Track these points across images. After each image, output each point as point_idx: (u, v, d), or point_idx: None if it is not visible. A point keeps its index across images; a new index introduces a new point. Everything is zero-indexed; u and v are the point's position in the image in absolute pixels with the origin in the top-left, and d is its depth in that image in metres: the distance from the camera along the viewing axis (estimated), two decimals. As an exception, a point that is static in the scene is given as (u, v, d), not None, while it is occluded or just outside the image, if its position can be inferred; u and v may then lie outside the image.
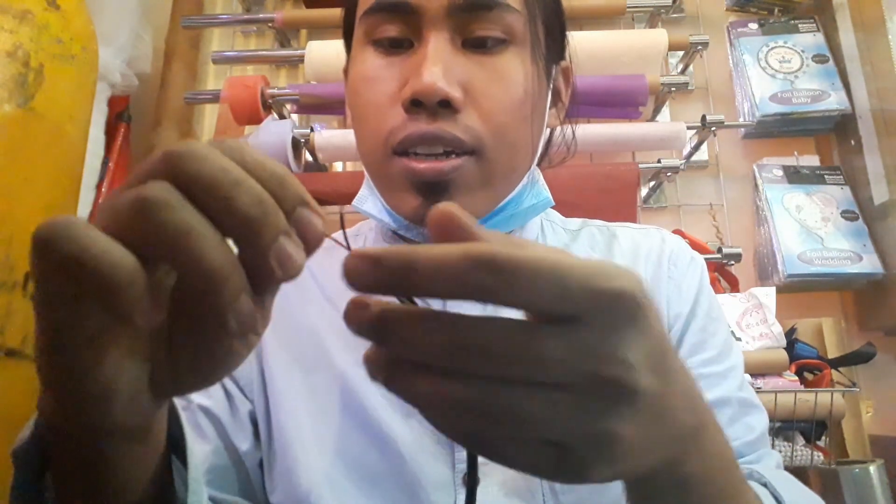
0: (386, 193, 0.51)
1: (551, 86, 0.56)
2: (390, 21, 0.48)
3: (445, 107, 0.45)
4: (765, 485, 0.43)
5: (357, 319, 0.23)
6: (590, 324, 0.22)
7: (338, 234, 0.62)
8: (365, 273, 0.22)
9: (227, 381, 0.52)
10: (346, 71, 0.57)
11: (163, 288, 0.25)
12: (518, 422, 0.22)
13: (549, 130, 0.61)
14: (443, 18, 0.47)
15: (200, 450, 0.48)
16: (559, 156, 0.65)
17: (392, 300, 0.23)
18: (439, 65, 0.45)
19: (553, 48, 0.55)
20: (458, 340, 0.22)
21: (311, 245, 0.25)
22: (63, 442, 0.28)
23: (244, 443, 0.51)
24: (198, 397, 0.50)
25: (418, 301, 0.30)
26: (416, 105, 0.46)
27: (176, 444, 0.33)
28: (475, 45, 0.48)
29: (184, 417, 0.33)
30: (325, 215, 0.26)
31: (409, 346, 0.22)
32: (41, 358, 0.24)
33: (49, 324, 0.24)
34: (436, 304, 0.29)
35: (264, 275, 0.24)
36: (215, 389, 0.51)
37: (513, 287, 0.21)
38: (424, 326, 0.22)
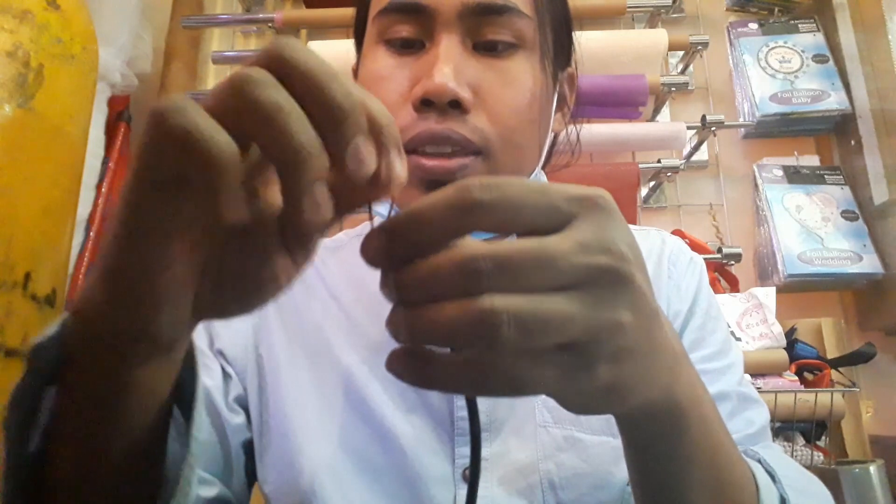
0: None
1: (557, 91, 0.57)
2: (403, 21, 0.49)
3: (455, 107, 0.46)
4: (759, 461, 0.43)
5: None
6: (579, 224, 0.25)
7: (329, 239, 0.63)
8: (378, 244, 0.24)
9: (224, 364, 0.53)
10: (355, 71, 0.58)
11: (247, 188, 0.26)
12: (537, 329, 0.24)
13: (553, 134, 0.62)
14: (455, 21, 0.48)
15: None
16: (563, 159, 0.65)
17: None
18: (450, 65, 0.46)
19: (560, 54, 0.55)
20: (478, 263, 0.24)
21: (384, 173, 0.27)
22: (87, 347, 0.28)
23: (233, 417, 0.51)
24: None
25: None
26: (427, 105, 0.46)
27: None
28: (486, 49, 0.49)
29: None
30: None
31: (433, 280, 0.24)
32: (109, 248, 0.25)
33: (134, 210, 0.24)
34: None
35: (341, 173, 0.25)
36: (215, 367, 0.52)
37: (506, 201, 0.24)
38: (443, 258, 0.24)
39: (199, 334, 0.54)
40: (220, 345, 0.53)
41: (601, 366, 0.26)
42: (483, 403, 0.48)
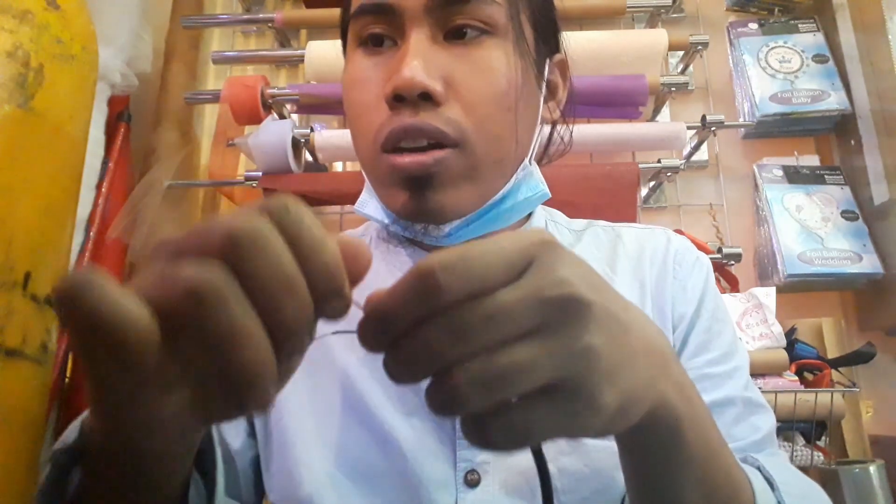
0: (379, 191, 0.53)
1: (545, 79, 0.56)
2: (375, 22, 0.50)
3: (427, 100, 0.46)
4: (758, 468, 0.43)
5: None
6: (530, 270, 0.26)
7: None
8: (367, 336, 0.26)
9: None
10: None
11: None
12: (499, 384, 0.24)
13: (548, 127, 0.61)
14: (422, 15, 0.48)
15: None
16: (556, 153, 0.65)
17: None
18: (418, 59, 0.46)
19: (544, 41, 0.55)
20: (434, 340, 0.24)
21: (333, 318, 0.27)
22: (103, 451, 0.29)
23: (236, 440, 0.51)
24: None
25: None
26: (399, 100, 0.47)
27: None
28: (455, 36, 0.49)
29: None
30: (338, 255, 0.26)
31: (409, 359, 0.25)
32: (87, 389, 0.25)
33: (83, 366, 0.24)
34: None
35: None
36: None
37: (472, 282, 0.24)
38: (408, 341, 0.25)
39: None
40: None
41: (595, 393, 0.26)
42: None
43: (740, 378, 0.52)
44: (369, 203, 0.55)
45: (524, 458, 0.47)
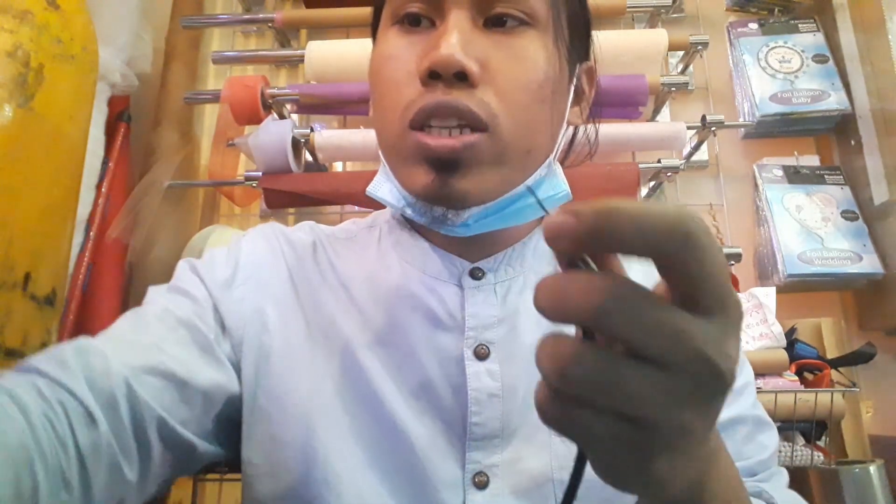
0: (399, 170, 0.50)
1: (574, 82, 0.55)
2: (414, 1, 0.49)
3: (462, 79, 0.45)
4: None
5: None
6: (720, 319, 0.24)
7: (339, 229, 0.62)
8: (567, 228, 0.23)
9: (222, 323, 0.51)
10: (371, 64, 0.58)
11: None
12: (612, 393, 0.24)
13: (572, 128, 0.60)
14: None
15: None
16: (580, 156, 0.64)
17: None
18: (458, 37, 0.45)
19: (577, 45, 0.54)
20: (607, 306, 0.23)
21: None
22: None
23: (200, 375, 0.48)
24: (181, 311, 0.49)
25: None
26: (433, 77, 0.46)
27: None
28: (495, 24, 0.48)
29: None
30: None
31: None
32: None
33: None
34: None
35: None
36: (208, 316, 0.50)
37: (700, 267, 0.23)
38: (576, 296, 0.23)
39: (196, 285, 0.52)
40: (222, 310, 0.51)
41: (650, 455, 0.25)
42: (496, 410, 0.47)
43: (749, 395, 0.52)
44: (383, 186, 0.53)
45: (535, 463, 0.46)
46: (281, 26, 1.35)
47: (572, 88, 0.55)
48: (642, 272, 0.56)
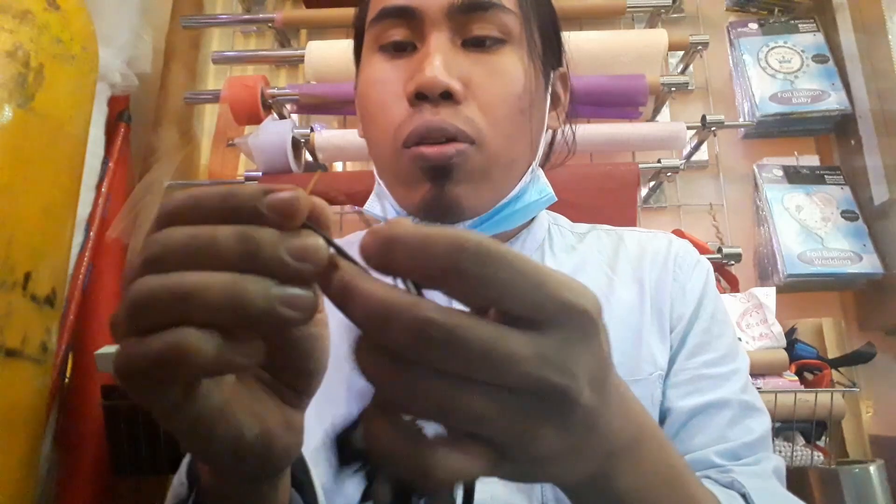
0: (396, 188, 0.54)
1: (549, 89, 0.58)
2: (395, 26, 0.52)
3: (447, 98, 0.49)
4: (744, 495, 0.43)
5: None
6: (552, 333, 0.23)
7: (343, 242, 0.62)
8: (374, 250, 0.23)
9: None
10: (356, 88, 0.60)
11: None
12: (465, 418, 0.23)
13: (550, 132, 0.63)
14: (443, 20, 0.51)
15: None
16: (560, 157, 0.66)
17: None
18: (440, 59, 0.49)
19: (550, 54, 0.58)
20: (429, 333, 0.22)
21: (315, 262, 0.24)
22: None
23: None
24: None
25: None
26: (420, 98, 0.49)
27: None
28: (474, 45, 0.52)
29: None
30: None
31: (383, 333, 0.22)
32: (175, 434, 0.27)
33: (154, 412, 0.26)
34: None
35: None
36: None
37: (495, 280, 0.22)
38: (400, 314, 0.22)
39: None
40: None
41: (518, 462, 0.25)
42: None
43: (738, 381, 0.52)
44: (379, 205, 0.57)
45: None
46: (281, 26, 1.35)
47: (549, 95, 0.58)
48: (630, 271, 0.57)
